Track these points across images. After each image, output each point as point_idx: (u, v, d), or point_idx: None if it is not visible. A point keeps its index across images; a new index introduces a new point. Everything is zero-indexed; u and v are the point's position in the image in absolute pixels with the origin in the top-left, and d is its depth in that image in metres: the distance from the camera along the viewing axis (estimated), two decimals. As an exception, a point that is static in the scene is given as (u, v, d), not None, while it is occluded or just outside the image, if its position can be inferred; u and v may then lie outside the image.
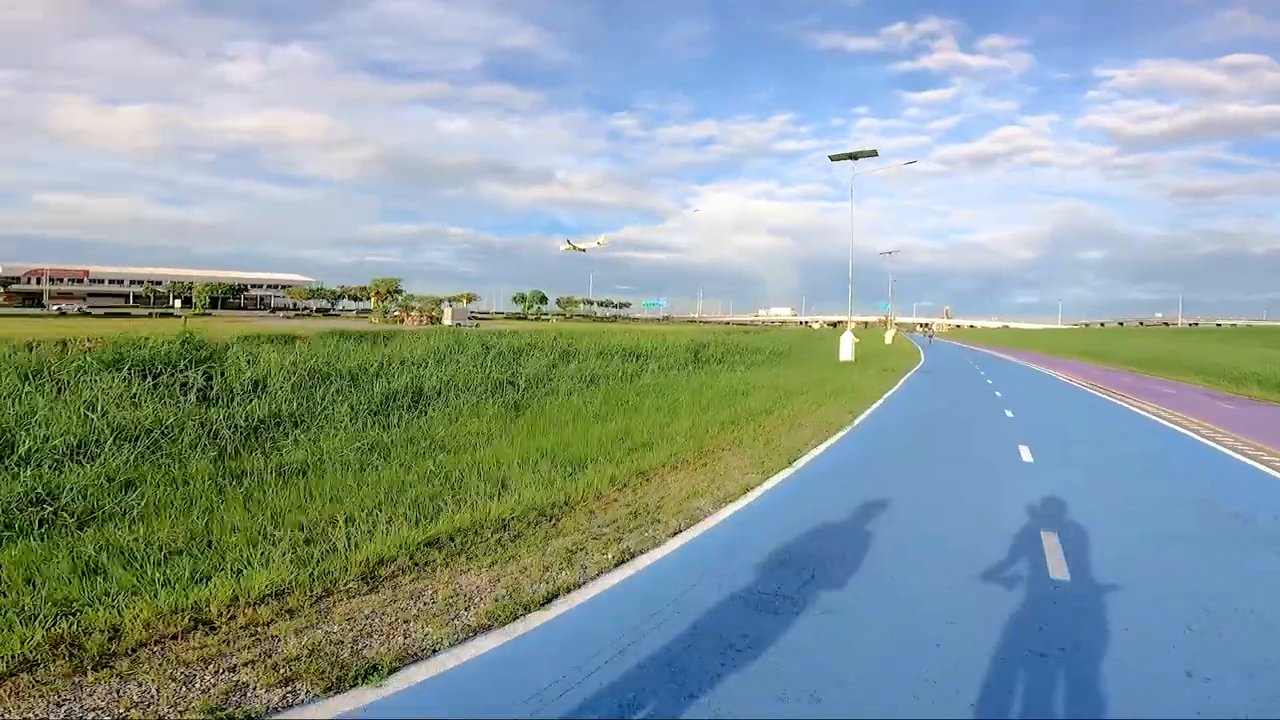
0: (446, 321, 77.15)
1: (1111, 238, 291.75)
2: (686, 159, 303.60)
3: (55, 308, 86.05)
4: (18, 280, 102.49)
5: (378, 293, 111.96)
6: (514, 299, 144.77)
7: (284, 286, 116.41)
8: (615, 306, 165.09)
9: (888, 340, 60.94)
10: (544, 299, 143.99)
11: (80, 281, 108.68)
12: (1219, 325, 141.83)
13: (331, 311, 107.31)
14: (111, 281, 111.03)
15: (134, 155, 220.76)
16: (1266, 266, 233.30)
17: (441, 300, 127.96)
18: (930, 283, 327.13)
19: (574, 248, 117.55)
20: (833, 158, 32.06)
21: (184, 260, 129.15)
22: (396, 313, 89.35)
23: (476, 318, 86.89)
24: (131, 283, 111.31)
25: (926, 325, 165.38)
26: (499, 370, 15.01)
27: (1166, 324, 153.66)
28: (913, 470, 9.10)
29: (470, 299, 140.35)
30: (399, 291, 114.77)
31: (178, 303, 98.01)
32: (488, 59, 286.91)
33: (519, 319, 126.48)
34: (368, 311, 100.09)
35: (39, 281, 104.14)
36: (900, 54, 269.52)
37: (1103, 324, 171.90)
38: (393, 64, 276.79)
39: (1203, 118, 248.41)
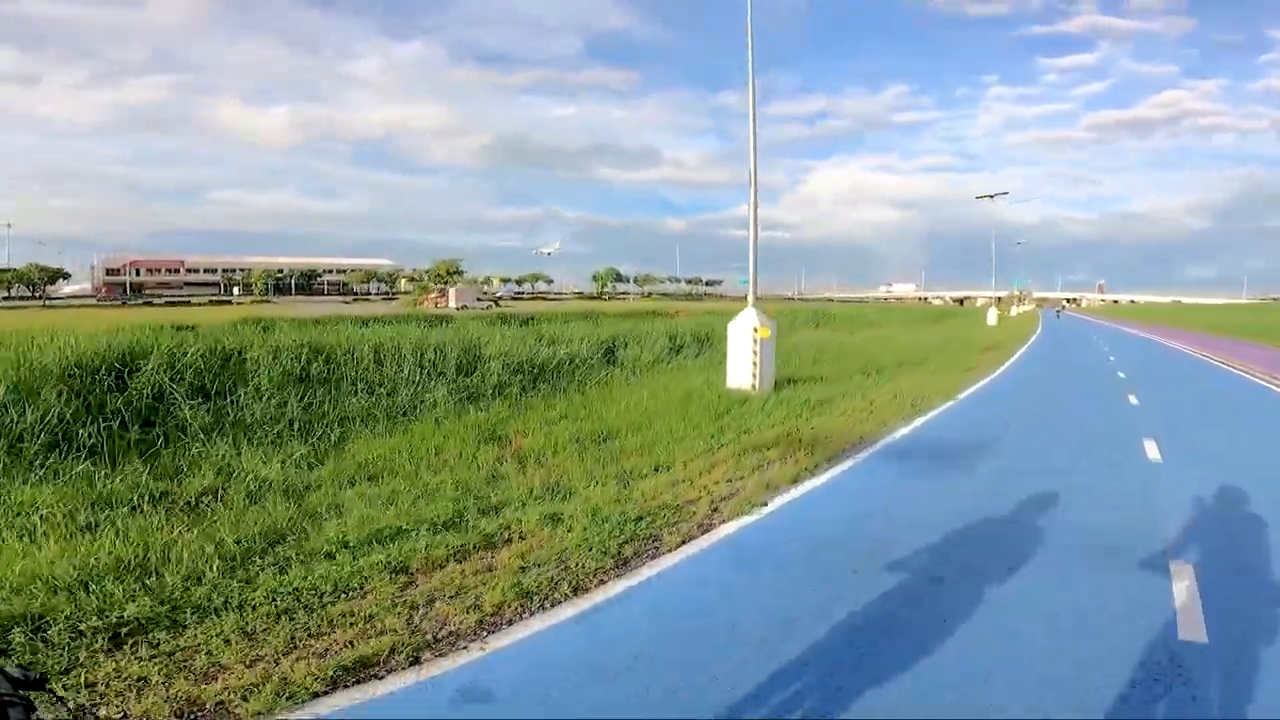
0: (451, 303, 64.17)
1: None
2: (797, 134, 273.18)
3: (107, 297, 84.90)
4: (117, 271, 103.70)
5: (439, 274, 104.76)
6: (593, 277, 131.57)
7: (349, 270, 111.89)
8: (704, 285, 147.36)
9: (990, 320, 39.03)
10: (619, 276, 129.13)
11: (176, 271, 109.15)
12: None
13: (390, 294, 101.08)
14: (206, 270, 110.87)
15: (284, 152, 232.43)
16: None
17: (504, 280, 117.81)
18: (1081, 255, 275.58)
19: (540, 251, 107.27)
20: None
21: (330, 249, 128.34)
22: (422, 295, 79.00)
23: (486, 299, 73.02)
24: (223, 271, 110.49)
25: (1074, 301, 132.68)
26: None
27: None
28: None
29: (546, 279, 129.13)
30: (459, 272, 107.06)
31: (235, 290, 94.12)
32: (588, 43, 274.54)
33: (593, 299, 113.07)
34: (409, 294, 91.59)
35: (138, 273, 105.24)
36: (1031, 18, 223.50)
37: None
38: (500, 53, 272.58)
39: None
